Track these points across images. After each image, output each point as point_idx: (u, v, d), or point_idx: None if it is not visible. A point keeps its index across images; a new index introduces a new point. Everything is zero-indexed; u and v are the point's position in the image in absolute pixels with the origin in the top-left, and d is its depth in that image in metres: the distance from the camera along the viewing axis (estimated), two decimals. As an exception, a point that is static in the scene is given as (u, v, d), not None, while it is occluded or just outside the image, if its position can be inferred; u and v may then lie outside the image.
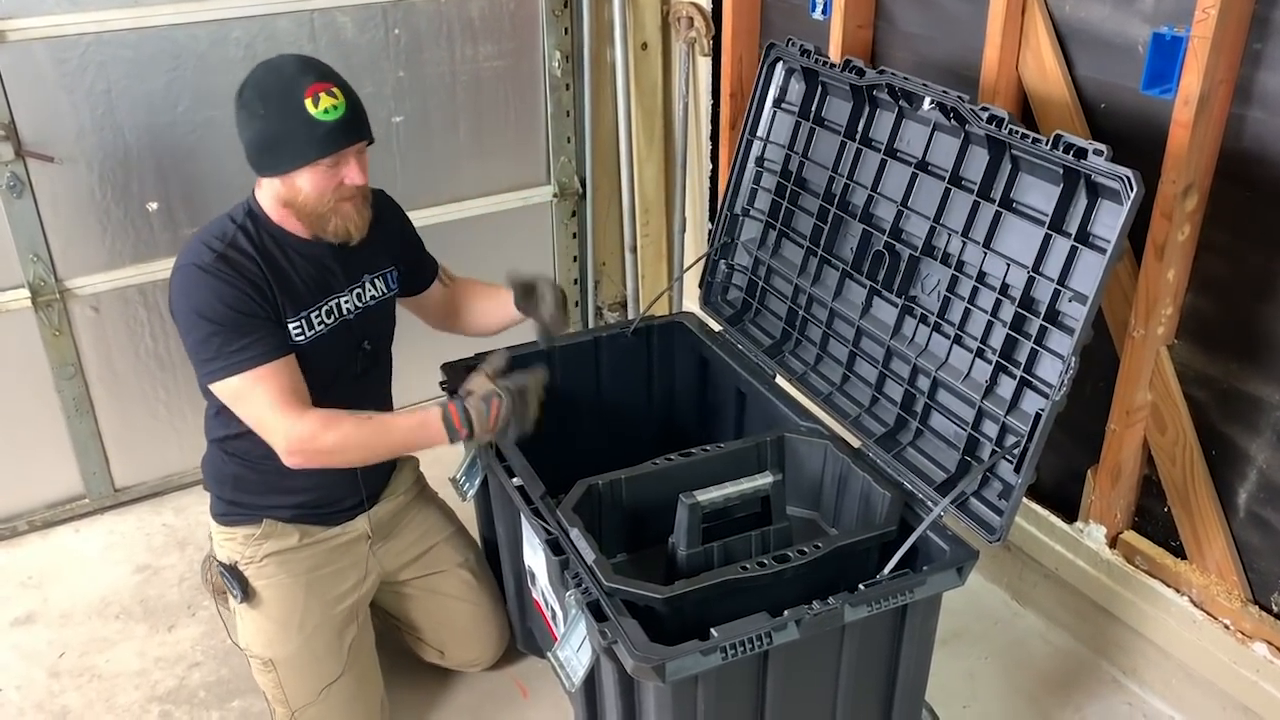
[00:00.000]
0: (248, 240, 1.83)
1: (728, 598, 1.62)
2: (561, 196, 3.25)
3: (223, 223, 1.85)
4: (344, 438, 1.80)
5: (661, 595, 1.59)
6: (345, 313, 1.94)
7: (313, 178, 1.78)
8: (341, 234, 1.86)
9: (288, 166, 1.77)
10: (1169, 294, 1.94)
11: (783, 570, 1.65)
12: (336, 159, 1.78)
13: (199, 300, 1.77)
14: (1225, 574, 2.02)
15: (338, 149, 1.77)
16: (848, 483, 1.96)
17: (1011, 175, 1.81)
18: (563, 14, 3.03)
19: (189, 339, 1.80)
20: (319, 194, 1.80)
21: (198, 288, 1.77)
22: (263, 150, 1.79)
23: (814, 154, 2.21)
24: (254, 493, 1.98)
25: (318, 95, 1.73)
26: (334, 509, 2.04)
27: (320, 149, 1.75)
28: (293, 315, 1.85)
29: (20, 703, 2.26)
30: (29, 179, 2.47)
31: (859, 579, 1.63)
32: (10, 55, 2.37)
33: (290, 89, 1.73)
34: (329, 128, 1.74)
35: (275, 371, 1.79)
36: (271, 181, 1.82)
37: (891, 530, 1.77)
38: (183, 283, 1.79)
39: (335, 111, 1.74)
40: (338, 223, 1.84)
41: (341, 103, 1.76)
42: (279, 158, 1.77)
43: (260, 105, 1.76)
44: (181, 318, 1.80)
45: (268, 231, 1.86)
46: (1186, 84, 1.77)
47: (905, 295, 1.99)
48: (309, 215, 1.83)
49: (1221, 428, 1.97)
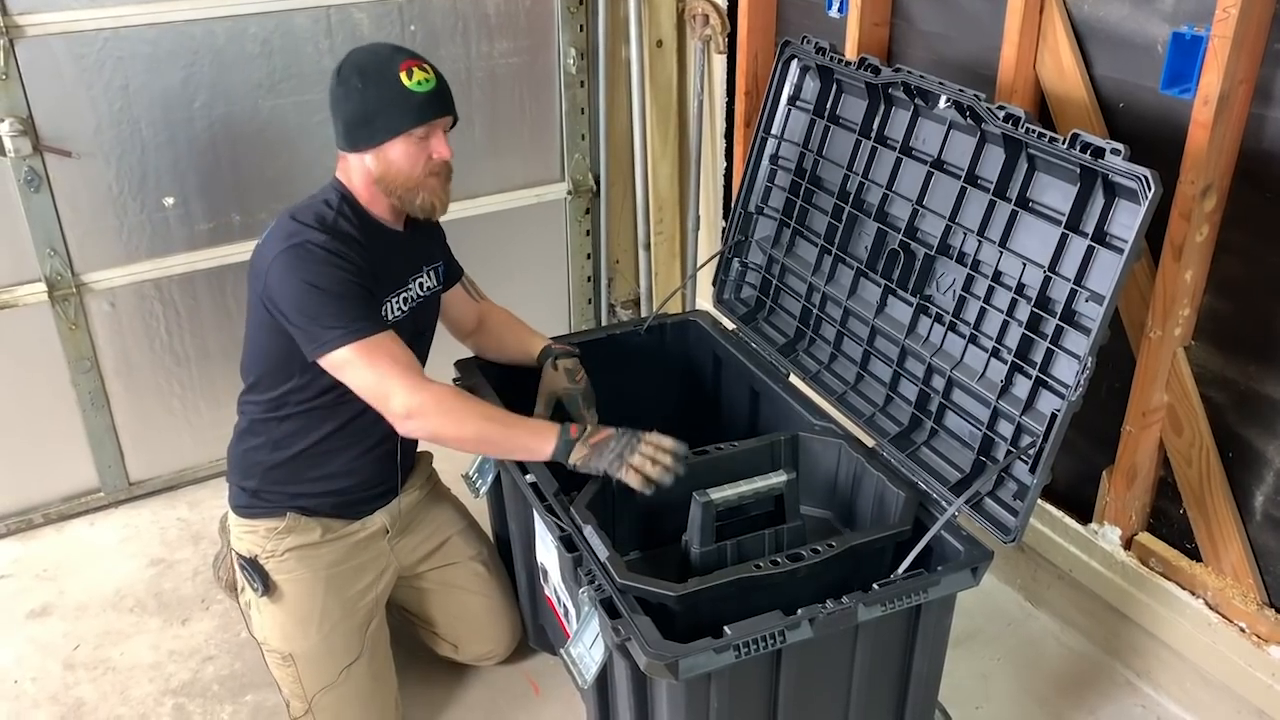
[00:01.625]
0: (348, 223, 1.87)
1: (741, 596, 1.62)
2: (576, 194, 3.25)
3: (318, 207, 1.88)
4: (465, 408, 1.84)
5: (675, 593, 1.59)
6: (414, 301, 1.99)
7: (405, 148, 1.84)
8: (427, 209, 1.91)
9: (383, 136, 1.83)
10: (1186, 295, 1.93)
11: (796, 569, 1.65)
12: (428, 130, 1.85)
13: (314, 273, 1.79)
14: (1241, 577, 2.01)
15: (430, 119, 1.84)
16: (862, 482, 1.96)
17: (1028, 174, 1.80)
18: (578, 11, 3.03)
19: (302, 312, 1.79)
20: (411, 164, 1.85)
21: (311, 262, 1.79)
22: (360, 124, 1.84)
23: (829, 152, 2.21)
24: (283, 481, 1.98)
25: (411, 69, 1.83)
26: (365, 495, 2.05)
27: (415, 118, 1.83)
28: (383, 299, 1.90)
29: (35, 694, 2.27)
30: (47, 174, 2.48)
31: (873, 578, 1.63)
32: (29, 50, 2.39)
33: (387, 64, 1.83)
34: (422, 98, 1.83)
35: (391, 341, 1.83)
36: (360, 160, 1.87)
37: (906, 530, 1.77)
38: (293, 260, 1.80)
39: (428, 84, 1.83)
40: (425, 197, 1.90)
41: (432, 77, 1.85)
42: (375, 129, 1.83)
43: (359, 80, 1.83)
44: (291, 291, 1.80)
45: (363, 215, 1.90)
46: (1206, 84, 1.76)
47: (920, 294, 1.98)
48: (399, 187, 1.87)
49: (1238, 430, 1.96)
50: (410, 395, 1.79)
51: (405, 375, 1.80)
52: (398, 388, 1.79)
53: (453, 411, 1.83)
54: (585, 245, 3.37)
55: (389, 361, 1.80)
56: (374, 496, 2.07)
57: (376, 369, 1.80)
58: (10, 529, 2.75)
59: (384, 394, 1.80)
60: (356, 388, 1.83)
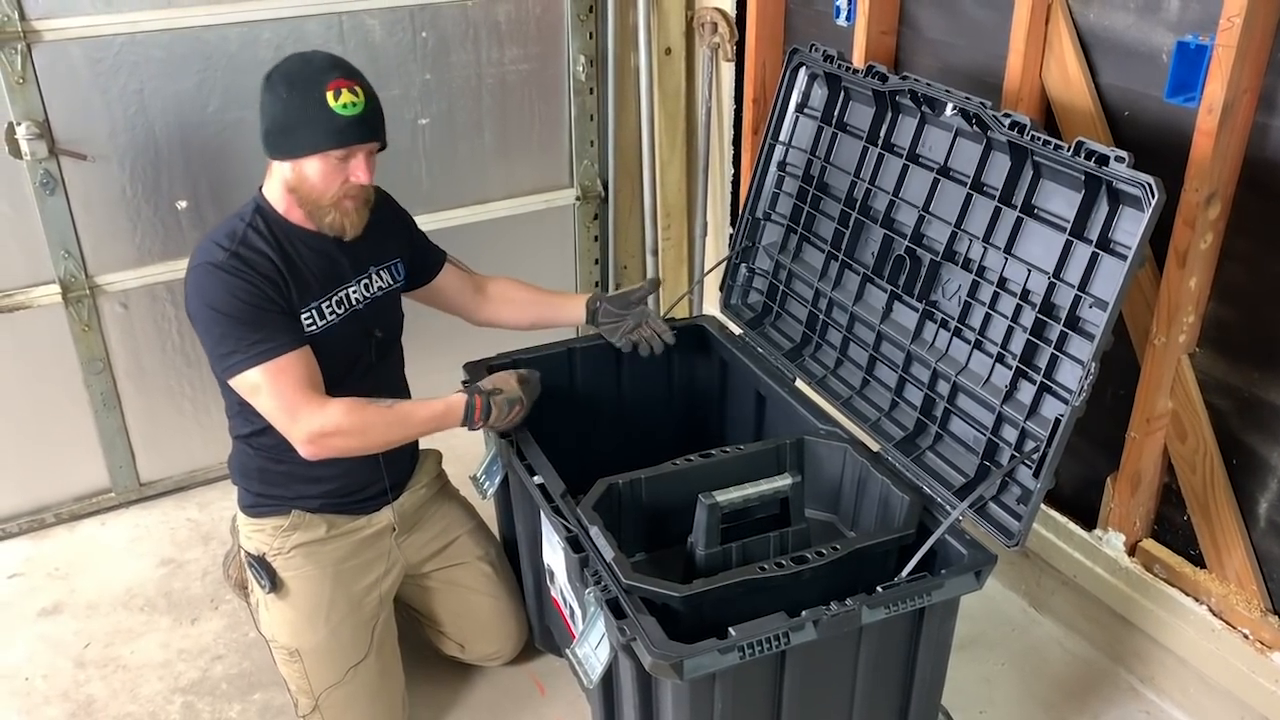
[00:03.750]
0: (258, 236, 1.87)
1: (746, 598, 1.63)
2: (584, 199, 3.27)
3: (231, 223, 1.89)
4: (366, 422, 1.86)
5: (680, 594, 1.60)
6: (355, 303, 1.99)
7: (321, 168, 1.83)
8: (337, 229, 1.90)
9: (300, 152, 1.82)
10: (1191, 302, 1.94)
11: (801, 571, 1.66)
12: (347, 153, 1.83)
13: (213, 296, 1.80)
14: (1245, 583, 2.01)
15: (349, 143, 1.82)
16: (866, 486, 1.97)
17: (1033, 181, 1.81)
18: (588, 19, 3.06)
19: (206, 336, 1.84)
20: (324, 185, 1.84)
21: (212, 284, 1.81)
22: (279, 133, 1.84)
23: (836, 159, 2.22)
24: (280, 485, 2.01)
25: (339, 90, 1.79)
26: (359, 497, 2.06)
27: (332, 140, 1.80)
28: (304, 306, 1.89)
29: (46, 691, 2.29)
30: (62, 176, 2.51)
31: (877, 582, 1.64)
32: (46, 55, 2.41)
33: (315, 79, 1.80)
34: (345, 122, 1.80)
35: (292, 362, 1.83)
36: (281, 167, 1.87)
37: (910, 533, 1.78)
38: (197, 281, 1.83)
39: (353, 108, 1.80)
40: (336, 217, 1.89)
41: (361, 101, 1.81)
42: (293, 142, 1.82)
43: (284, 89, 1.81)
44: (198, 315, 1.84)
45: (277, 225, 1.90)
46: (1210, 92, 1.77)
47: (926, 300, 1.99)
48: (310, 204, 1.87)
49: (1242, 436, 1.97)
50: (309, 420, 1.81)
51: (303, 399, 1.81)
52: (295, 414, 1.81)
53: (353, 430, 1.85)
54: (593, 250, 3.38)
55: (290, 386, 1.81)
56: (369, 498, 2.08)
57: (277, 394, 1.81)
58: (22, 528, 2.78)
59: (284, 421, 1.83)
60: (263, 412, 1.85)
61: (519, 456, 1.98)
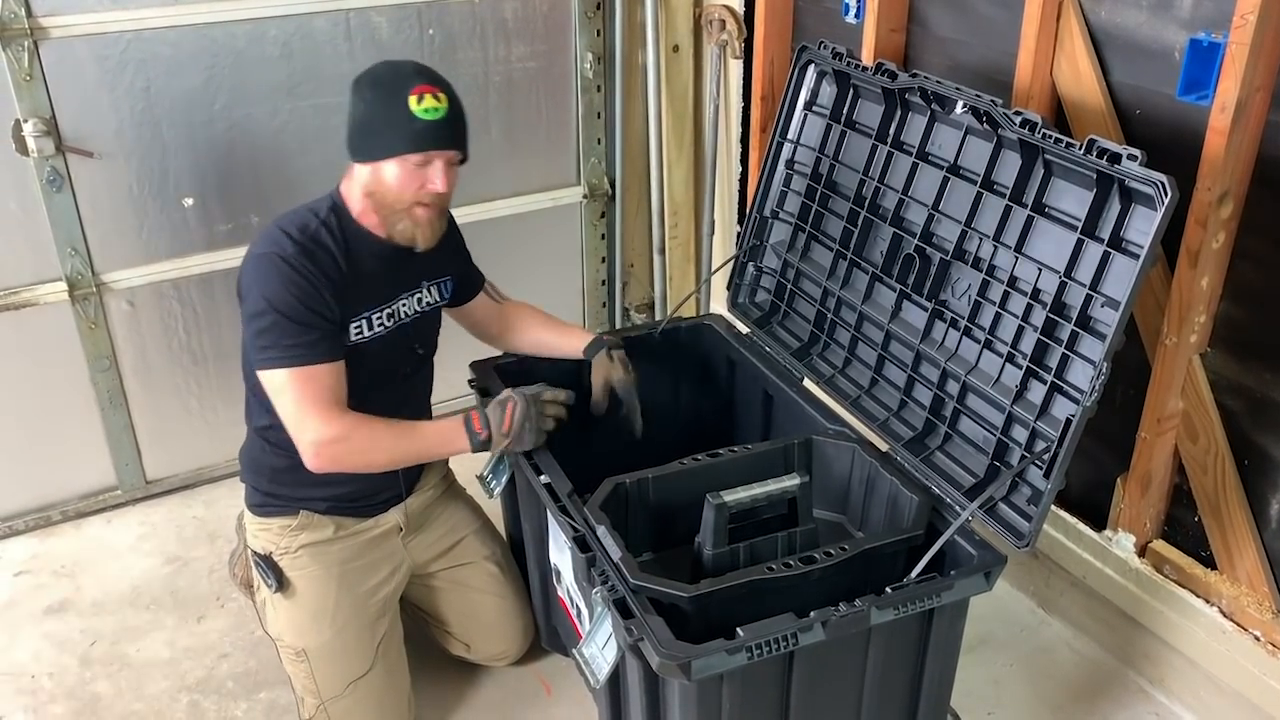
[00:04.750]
0: (329, 234, 1.87)
1: (754, 598, 1.62)
2: (591, 197, 3.26)
3: (304, 215, 1.88)
4: (373, 440, 1.86)
5: (688, 594, 1.59)
6: (404, 317, 1.99)
7: (399, 172, 1.83)
8: (408, 238, 1.90)
9: (379, 154, 1.83)
10: (1202, 302, 1.93)
11: (809, 571, 1.65)
12: (425, 159, 1.82)
13: (272, 289, 1.80)
14: (1256, 585, 2.00)
15: (427, 148, 1.82)
16: (875, 486, 1.96)
17: (1044, 180, 1.80)
18: (595, 16, 3.05)
19: (252, 322, 1.82)
20: (400, 190, 1.84)
21: (274, 276, 1.80)
22: (361, 134, 1.85)
23: (845, 157, 2.21)
24: (290, 485, 2.00)
25: (423, 94, 1.79)
26: (369, 501, 2.06)
27: (411, 144, 1.81)
28: (355, 315, 1.89)
29: (52, 689, 2.29)
30: (69, 174, 2.51)
31: (886, 583, 1.63)
32: (53, 52, 2.41)
33: (400, 83, 1.81)
34: (425, 126, 1.80)
35: (322, 373, 1.82)
36: (361, 171, 1.87)
37: (919, 534, 1.77)
38: (259, 268, 1.82)
39: (435, 114, 1.80)
40: (408, 226, 1.88)
41: (443, 108, 1.81)
42: (373, 144, 1.83)
43: (369, 91, 1.84)
44: (250, 300, 1.82)
45: (349, 227, 1.90)
46: (1223, 90, 1.76)
47: (935, 299, 1.98)
48: (385, 209, 1.87)
49: (1254, 437, 1.96)
50: (319, 429, 1.80)
51: (320, 409, 1.80)
52: (308, 422, 1.80)
53: (359, 450, 1.84)
54: (600, 249, 3.38)
55: (312, 394, 1.80)
56: (378, 502, 2.08)
57: (297, 399, 1.80)
58: (29, 526, 2.77)
59: (296, 426, 1.82)
60: (280, 413, 1.84)
61: (525, 455, 1.97)
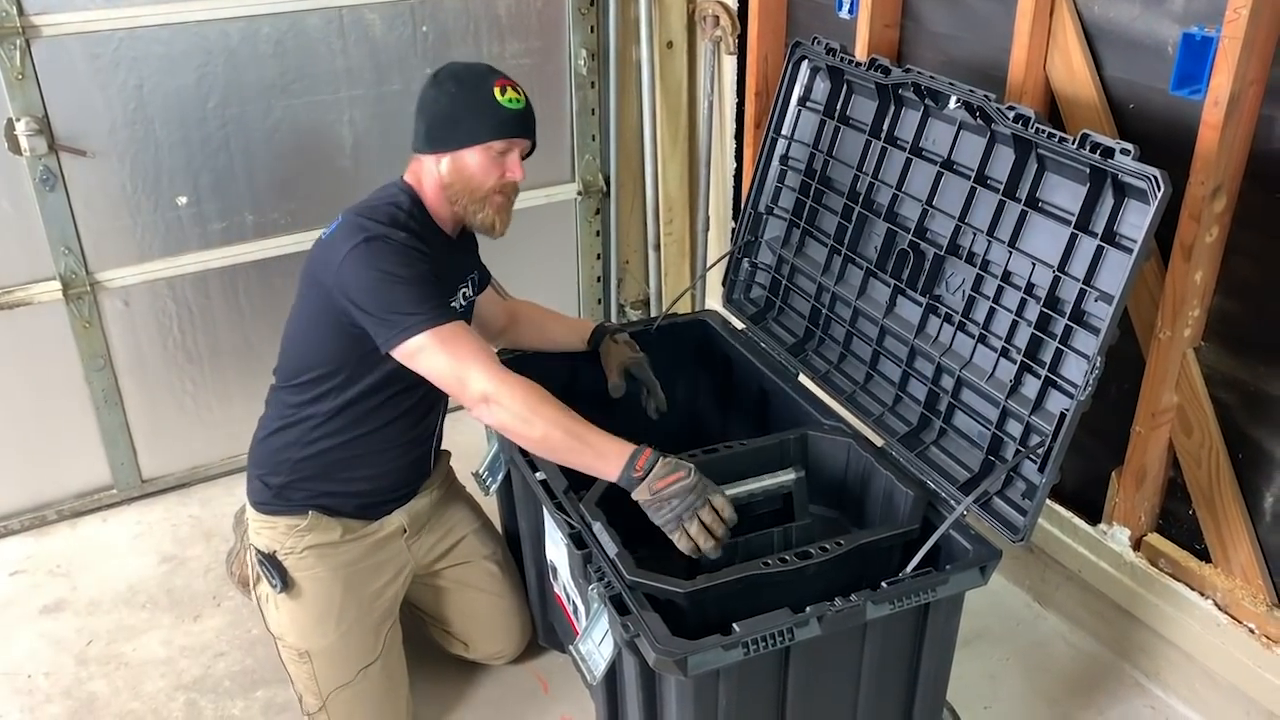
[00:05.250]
0: (416, 224, 1.89)
1: (749, 593, 1.62)
2: (586, 194, 3.26)
3: (388, 207, 1.88)
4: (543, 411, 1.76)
5: (684, 589, 1.59)
6: (457, 310, 1.98)
7: (481, 160, 1.88)
8: (488, 225, 1.95)
9: (465, 142, 1.88)
10: (1196, 296, 1.93)
11: (805, 566, 1.66)
12: (507, 146, 1.90)
13: (392, 264, 1.79)
14: (1250, 578, 2.01)
15: (512, 135, 1.90)
16: (870, 481, 1.96)
17: (1038, 174, 1.81)
18: (589, 12, 3.05)
19: (379, 301, 1.78)
20: (484, 176, 1.89)
21: (390, 253, 1.80)
22: (444, 126, 1.89)
23: (839, 153, 2.22)
24: (312, 478, 1.99)
25: (505, 87, 1.90)
26: (383, 500, 2.06)
27: (497, 131, 1.88)
28: None
29: (48, 689, 2.29)
30: (62, 173, 2.51)
31: (881, 577, 1.63)
32: (45, 51, 2.41)
33: (483, 77, 1.90)
34: (510, 115, 1.89)
35: (469, 330, 1.84)
36: (435, 163, 1.90)
37: (914, 529, 1.77)
38: (370, 252, 1.79)
39: (517, 104, 1.90)
40: (488, 214, 1.93)
41: (523, 100, 1.92)
42: (457, 133, 1.88)
43: (454, 85, 1.89)
44: (368, 282, 1.79)
45: (422, 217, 1.93)
46: (1216, 85, 1.76)
47: (930, 294, 1.99)
48: (466, 197, 1.91)
49: (1248, 431, 1.96)
50: (489, 380, 1.76)
51: (485, 361, 1.78)
52: (477, 372, 1.76)
53: (529, 407, 1.75)
54: (595, 245, 3.38)
55: (468, 347, 1.79)
56: (397, 499, 2.09)
57: (455, 353, 1.77)
58: (24, 525, 2.77)
59: (462, 377, 1.77)
60: (432, 372, 1.79)
61: (521, 453, 1.97)
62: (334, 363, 1.91)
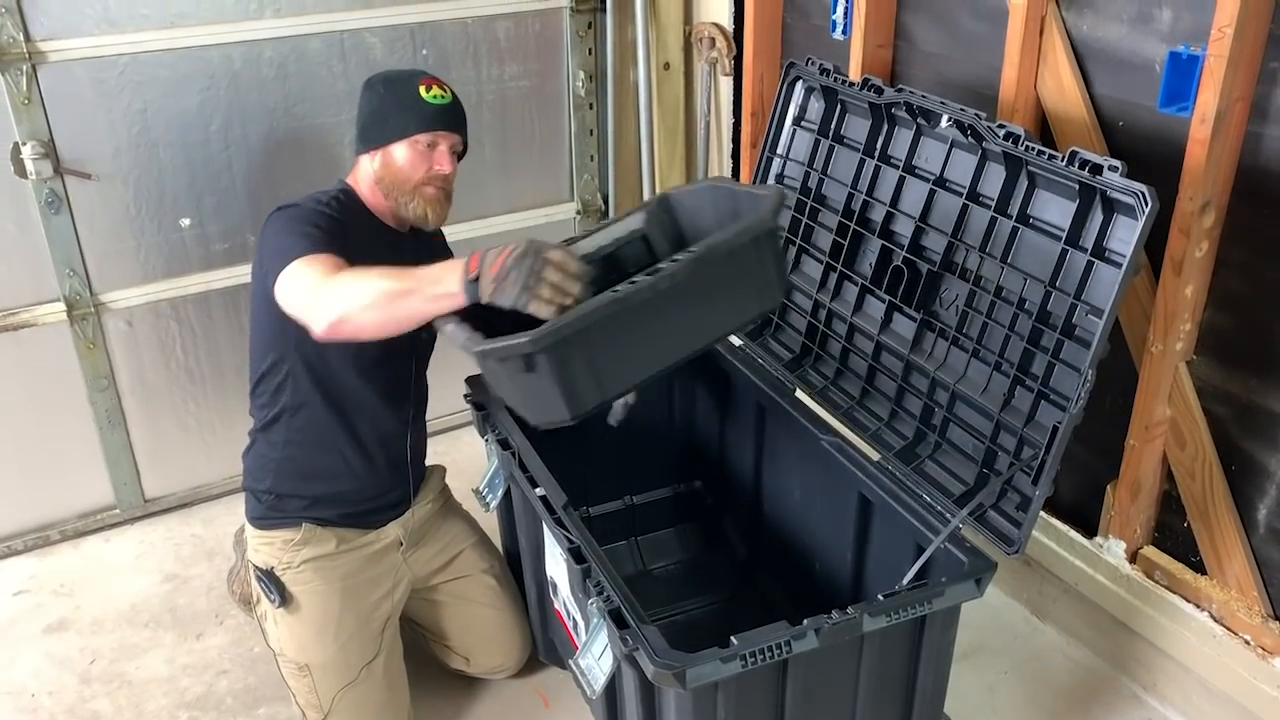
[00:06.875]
0: (339, 207, 1.95)
1: (618, 334, 1.61)
2: (585, 213, 3.29)
3: (314, 194, 1.97)
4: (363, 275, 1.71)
5: (529, 336, 1.52)
6: None
7: (409, 153, 1.95)
8: (420, 215, 2.00)
9: (391, 137, 1.95)
10: (1187, 310, 1.95)
11: (656, 281, 1.59)
12: (433, 139, 1.96)
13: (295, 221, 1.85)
14: (1245, 589, 2.02)
15: (435, 128, 1.96)
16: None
17: (1028, 191, 1.83)
18: (587, 35, 3.08)
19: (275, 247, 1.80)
20: (411, 169, 1.96)
21: (295, 215, 1.87)
22: (372, 123, 1.98)
23: (833, 171, 2.24)
24: (294, 477, 2.02)
25: (430, 85, 1.98)
26: (370, 507, 2.08)
27: (421, 125, 1.95)
28: None
29: (52, 708, 2.30)
30: (67, 195, 2.53)
31: (878, 583, 1.64)
32: (51, 76, 2.44)
33: (411, 77, 2.00)
34: (433, 109, 1.96)
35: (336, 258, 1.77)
36: (368, 163, 1.98)
37: (765, 220, 1.72)
38: (277, 218, 1.88)
39: (441, 100, 1.97)
40: (419, 204, 1.99)
41: (448, 97, 1.99)
42: (386, 129, 1.96)
43: (383, 86, 1.99)
44: (272, 239, 1.84)
45: (356, 206, 1.99)
46: (1203, 102, 1.79)
47: (924, 310, 2.01)
48: (396, 187, 1.97)
49: (1241, 443, 1.98)
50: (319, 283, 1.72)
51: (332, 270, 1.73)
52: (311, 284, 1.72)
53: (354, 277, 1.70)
54: (594, 264, 3.40)
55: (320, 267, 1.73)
56: (386, 506, 2.10)
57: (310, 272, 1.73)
58: (28, 545, 2.79)
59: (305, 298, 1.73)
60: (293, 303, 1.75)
61: (521, 468, 1.99)
62: (274, 350, 1.96)
